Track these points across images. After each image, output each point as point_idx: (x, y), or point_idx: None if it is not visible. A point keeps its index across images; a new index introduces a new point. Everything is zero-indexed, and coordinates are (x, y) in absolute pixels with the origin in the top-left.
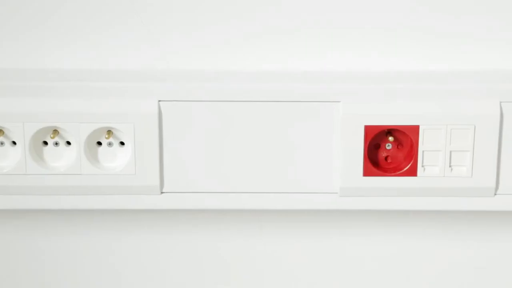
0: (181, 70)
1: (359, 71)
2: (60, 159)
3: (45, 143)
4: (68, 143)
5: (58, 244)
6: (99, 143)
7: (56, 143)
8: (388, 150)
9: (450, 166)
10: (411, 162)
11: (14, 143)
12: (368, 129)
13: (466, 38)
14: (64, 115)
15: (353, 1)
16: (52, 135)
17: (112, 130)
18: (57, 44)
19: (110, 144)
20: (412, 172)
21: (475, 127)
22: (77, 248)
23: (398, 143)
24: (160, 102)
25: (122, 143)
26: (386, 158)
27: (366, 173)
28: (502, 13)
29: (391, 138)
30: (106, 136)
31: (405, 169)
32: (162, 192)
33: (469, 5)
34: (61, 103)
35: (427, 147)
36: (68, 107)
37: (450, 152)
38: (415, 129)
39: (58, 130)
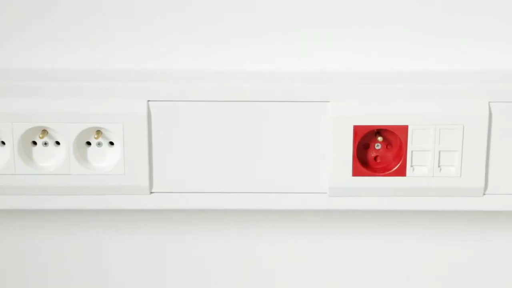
0: (171, 70)
1: (348, 71)
2: (49, 159)
3: (34, 143)
4: (58, 143)
5: (46, 244)
6: (89, 143)
7: (45, 143)
8: (378, 150)
9: (439, 166)
10: (400, 162)
11: (3, 143)
12: (357, 129)
13: (466, 38)
14: (53, 115)
15: (353, 1)
16: (41, 135)
17: (101, 130)
18: (46, 44)
19: (99, 144)
20: (401, 172)
21: (463, 127)
22: (66, 248)
23: (387, 143)
24: (150, 102)
25: (111, 143)
26: (375, 158)
27: (355, 173)
28: (502, 13)
29: (380, 138)
30: (95, 136)
31: (394, 169)
32: (151, 192)
33: (469, 5)
34: (50, 103)
35: (416, 147)
36: (57, 107)
37: (439, 152)
38: (404, 129)
39: (47, 130)
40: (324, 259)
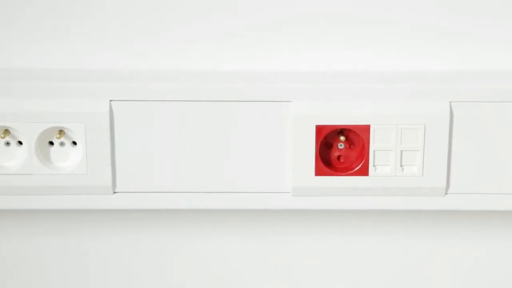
0: (133, 69)
1: (310, 71)
2: (12, 159)
3: None
4: (20, 143)
5: (8, 245)
6: (52, 143)
7: (8, 143)
8: (341, 149)
9: (401, 165)
10: (362, 162)
11: None
12: (319, 128)
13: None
14: (15, 114)
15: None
16: (2, 135)
17: (64, 130)
18: (8, 43)
19: (62, 144)
20: (364, 171)
21: (425, 126)
22: (27, 249)
23: (350, 142)
24: (112, 102)
25: (74, 143)
26: (338, 157)
27: (318, 172)
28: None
29: (342, 138)
30: (57, 136)
31: (357, 168)
32: (114, 192)
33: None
34: (11, 102)
35: (378, 147)
36: (19, 106)
37: (401, 151)
38: (366, 128)
39: (9, 129)
40: (279, 259)
